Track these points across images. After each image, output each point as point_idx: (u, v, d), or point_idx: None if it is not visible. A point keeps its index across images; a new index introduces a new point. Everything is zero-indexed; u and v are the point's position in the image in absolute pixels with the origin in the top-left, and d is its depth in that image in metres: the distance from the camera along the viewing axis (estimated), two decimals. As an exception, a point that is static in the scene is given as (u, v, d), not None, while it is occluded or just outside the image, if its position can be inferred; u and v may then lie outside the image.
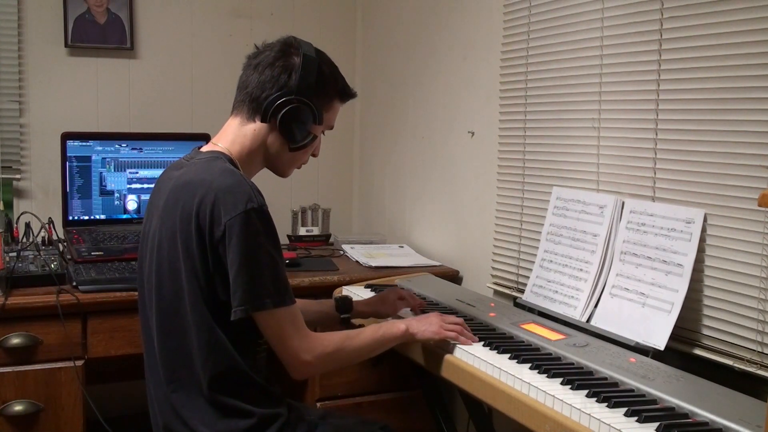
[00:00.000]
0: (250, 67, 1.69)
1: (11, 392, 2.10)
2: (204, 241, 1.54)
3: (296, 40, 1.71)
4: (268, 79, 1.66)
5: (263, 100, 1.66)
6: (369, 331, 1.73)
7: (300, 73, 1.65)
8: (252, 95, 1.67)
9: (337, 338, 1.67)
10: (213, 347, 1.56)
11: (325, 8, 3.27)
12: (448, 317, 1.83)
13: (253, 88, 1.67)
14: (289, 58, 1.67)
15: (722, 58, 1.69)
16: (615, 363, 1.62)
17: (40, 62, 2.84)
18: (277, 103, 1.65)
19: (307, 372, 1.66)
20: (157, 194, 1.68)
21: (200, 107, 3.06)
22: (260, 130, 1.68)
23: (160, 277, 1.61)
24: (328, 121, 1.76)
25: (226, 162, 1.64)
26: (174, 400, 1.59)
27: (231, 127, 1.71)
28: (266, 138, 1.69)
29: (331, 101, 1.74)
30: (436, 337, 1.77)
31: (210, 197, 1.54)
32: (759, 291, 1.62)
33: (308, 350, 1.60)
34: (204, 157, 1.66)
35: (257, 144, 1.69)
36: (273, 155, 1.72)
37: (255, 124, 1.68)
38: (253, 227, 1.53)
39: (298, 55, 1.66)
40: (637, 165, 1.91)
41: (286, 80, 1.65)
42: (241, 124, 1.70)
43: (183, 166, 1.67)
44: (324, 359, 1.63)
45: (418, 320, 1.80)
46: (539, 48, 2.22)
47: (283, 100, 1.65)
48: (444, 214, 2.76)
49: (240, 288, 1.52)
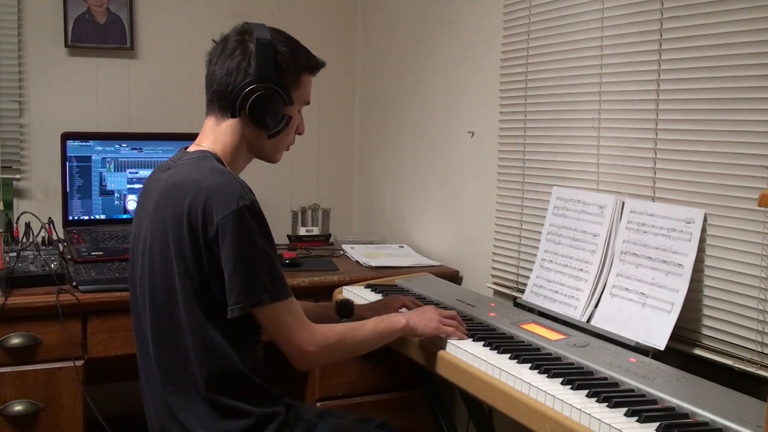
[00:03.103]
0: (212, 64, 1.68)
1: (11, 392, 2.10)
2: (197, 242, 1.54)
3: (249, 25, 1.69)
4: (228, 72, 1.64)
5: (229, 94, 1.64)
6: (371, 325, 1.75)
7: (258, 59, 1.63)
8: (219, 92, 1.66)
9: (339, 330, 1.68)
10: (208, 347, 1.56)
11: (325, 8, 3.27)
12: (444, 311, 1.86)
13: (217, 85, 1.66)
14: (245, 46, 1.65)
15: (722, 58, 1.69)
16: (615, 363, 1.62)
17: (40, 62, 2.84)
18: (242, 95, 1.63)
19: (310, 363, 1.67)
20: (146, 196, 1.67)
21: (200, 107, 3.02)
22: (235, 125, 1.67)
23: (152, 280, 1.60)
24: (302, 97, 1.73)
25: (214, 161, 1.63)
26: (171, 402, 1.59)
27: (208, 127, 1.70)
28: (243, 131, 1.68)
29: (298, 78, 1.71)
30: (435, 332, 1.79)
31: (201, 197, 1.53)
32: (759, 291, 1.62)
33: (310, 341, 1.60)
34: (192, 157, 1.65)
35: (237, 139, 1.68)
36: (255, 146, 1.71)
37: (228, 120, 1.67)
38: (246, 225, 1.53)
39: (251, 42, 1.64)
40: (637, 165, 1.91)
41: (246, 69, 1.63)
42: (216, 123, 1.69)
43: (171, 167, 1.66)
44: (326, 350, 1.63)
45: (418, 315, 1.82)
46: (539, 48, 2.22)
47: (248, 90, 1.63)
48: (444, 214, 2.76)
49: (236, 286, 1.52)
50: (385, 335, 1.76)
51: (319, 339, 1.62)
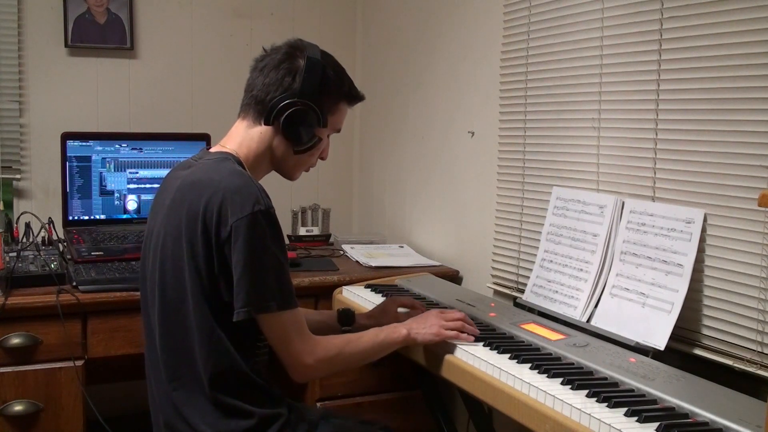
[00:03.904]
0: (256, 70, 1.70)
1: (11, 392, 2.10)
2: (210, 241, 1.54)
3: (302, 42, 1.71)
4: (272, 81, 1.66)
5: (267, 103, 1.66)
6: (369, 336, 1.74)
7: (304, 76, 1.65)
8: (257, 98, 1.68)
9: (339, 342, 1.68)
10: (214, 346, 1.56)
11: (325, 8, 3.27)
12: (448, 314, 1.83)
13: (258, 91, 1.67)
14: (294, 60, 1.67)
15: (722, 58, 1.69)
16: (615, 363, 1.62)
17: (40, 62, 2.84)
18: (280, 106, 1.65)
19: (308, 375, 1.67)
20: (164, 193, 1.68)
21: (200, 107, 3.06)
22: (266, 133, 1.69)
23: (163, 276, 1.61)
24: (334, 124, 1.77)
25: (235, 163, 1.64)
26: (175, 398, 1.60)
27: (238, 130, 1.72)
28: (272, 141, 1.70)
29: (337, 104, 1.74)
30: (436, 339, 1.77)
31: (218, 197, 1.54)
32: (759, 291, 1.62)
33: (310, 354, 1.60)
34: (213, 157, 1.66)
35: (264, 147, 1.70)
36: (279, 158, 1.73)
37: (261, 127, 1.69)
38: (260, 229, 1.53)
39: (302, 58, 1.67)
40: (637, 165, 1.91)
41: (290, 83, 1.66)
42: (247, 127, 1.70)
43: (191, 166, 1.67)
44: (325, 363, 1.63)
45: (418, 322, 1.80)
46: (539, 48, 2.22)
47: (286, 103, 1.65)
48: (444, 214, 2.76)
49: (243, 290, 1.52)
50: (384, 347, 1.74)
51: (319, 352, 1.62)
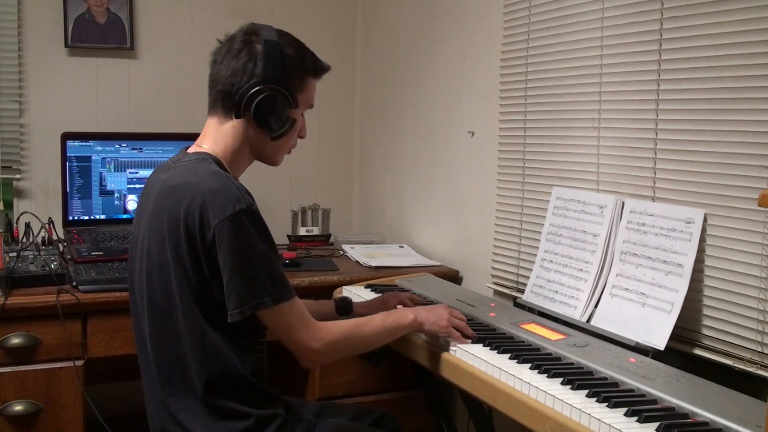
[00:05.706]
0: (216, 63, 1.66)
1: (11, 392, 2.10)
2: (195, 246, 1.53)
3: (256, 26, 1.68)
4: (234, 72, 1.63)
5: (234, 95, 1.63)
6: (378, 320, 1.73)
7: (264, 60, 1.62)
8: (223, 92, 1.65)
9: (346, 326, 1.67)
10: (207, 350, 1.56)
11: (325, 8, 3.27)
12: (455, 311, 1.84)
13: (222, 85, 1.64)
14: (252, 46, 1.63)
15: (722, 58, 1.69)
16: (615, 363, 1.62)
17: (40, 62, 2.84)
18: (247, 96, 1.62)
19: (318, 360, 1.66)
20: (146, 197, 1.67)
21: (200, 107, 3.02)
22: (238, 126, 1.66)
23: (150, 282, 1.59)
24: (306, 101, 1.73)
25: (213, 163, 1.62)
26: (170, 404, 1.59)
27: (210, 128, 1.69)
28: (246, 133, 1.67)
29: (303, 81, 1.70)
30: (442, 332, 1.77)
31: (197, 201, 1.52)
32: (759, 291, 1.62)
33: (316, 339, 1.59)
34: (190, 159, 1.64)
35: (239, 141, 1.67)
36: (257, 148, 1.70)
37: (232, 121, 1.66)
38: (244, 228, 1.52)
39: (259, 42, 1.63)
40: (637, 165, 1.91)
41: (252, 69, 1.62)
42: (219, 123, 1.68)
43: (170, 169, 1.65)
44: (333, 347, 1.63)
45: (427, 311, 1.80)
46: (539, 48, 2.22)
47: (253, 92, 1.62)
48: (444, 214, 2.76)
49: (235, 291, 1.51)
50: (392, 330, 1.74)
51: (325, 336, 1.61)
